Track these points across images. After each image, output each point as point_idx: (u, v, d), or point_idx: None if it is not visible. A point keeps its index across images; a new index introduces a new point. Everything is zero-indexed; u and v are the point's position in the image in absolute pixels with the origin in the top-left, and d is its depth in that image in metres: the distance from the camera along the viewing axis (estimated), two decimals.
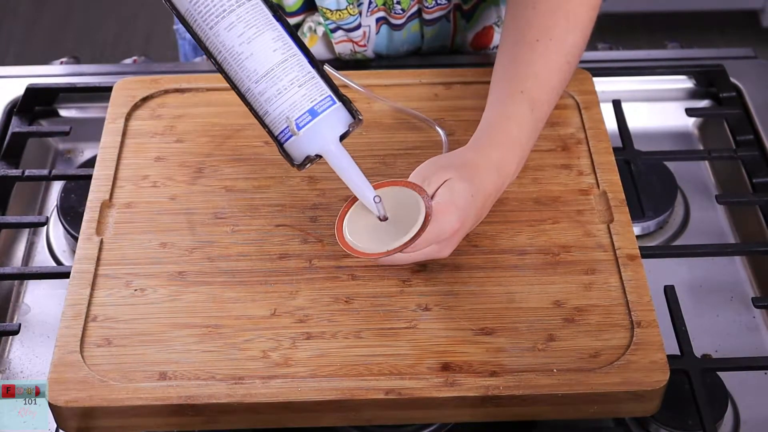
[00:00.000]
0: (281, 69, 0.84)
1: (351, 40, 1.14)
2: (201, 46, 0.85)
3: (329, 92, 0.86)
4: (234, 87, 0.86)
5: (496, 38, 1.21)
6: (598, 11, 1.01)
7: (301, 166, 0.86)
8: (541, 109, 0.96)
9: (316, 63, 0.86)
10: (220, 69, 0.85)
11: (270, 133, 0.86)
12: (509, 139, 0.93)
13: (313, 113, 0.84)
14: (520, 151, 0.94)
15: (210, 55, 0.85)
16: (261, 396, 0.83)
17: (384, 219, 0.87)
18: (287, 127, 0.84)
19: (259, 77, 0.84)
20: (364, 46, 1.16)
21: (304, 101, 0.84)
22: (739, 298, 1.01)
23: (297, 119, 0.84)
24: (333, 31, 1.13)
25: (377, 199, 0.86)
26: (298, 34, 1.14)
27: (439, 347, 0.86)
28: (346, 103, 0.86)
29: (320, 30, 1.13)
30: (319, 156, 0.86)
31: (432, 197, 0.87)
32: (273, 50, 0.84)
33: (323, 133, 0.85)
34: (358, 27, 1.12)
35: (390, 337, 0.87)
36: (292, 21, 1.14)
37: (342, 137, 0.86)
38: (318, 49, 1.16)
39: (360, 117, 0.86)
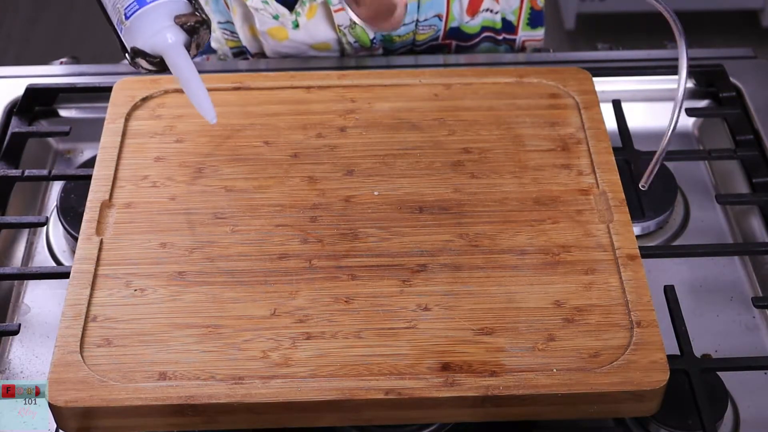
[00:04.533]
0: None
1: None
2: None
3: None
4: None
5: (486, 2, 1.20)
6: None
7: (133, 62, 0.82)
8: None
9: None
10: None
11: (114, 29, 0.82)
12: None
13: (141, 2, 0.81)
14: None
15: None
16: (261, 396, 0.83)
17: None
18: (119, 18, 0.82)
19: None
20: None
21: None
22: (739, 298, 1.01)
23: (126, 8, 0.81)
24: None
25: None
26: (297, 4, 1.14)
27: (439, 347, 0.86)
28: (195, 1, 0.83)
29: None
30: (154, 56, 0.81)
31: None
32: None
33: (152, 23, 0.81)
34: None
35: (390, 337, 0.87)
36: None
37: (189, 49, 0.82)
38: (317, 22, 1.16)
39: (204, 16, 0.82)
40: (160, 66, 0.83)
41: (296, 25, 1.16)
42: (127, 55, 0.82)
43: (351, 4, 0.93)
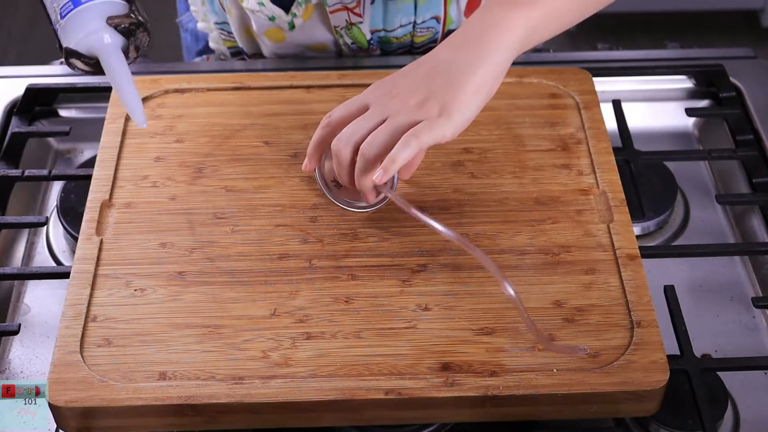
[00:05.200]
0: None
1: (346, 8, 1.14)
2: None
3: None
4: None
5: (484, 4, 1.20)
6: None
7: (68, 62, 0.82)
8: None
9: None
10: None
11: (53, 29, 0.83)
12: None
13: (75, 2, 0.81)
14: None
15: None
16: (261, 396, 0.83)
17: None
18: (56, 17, 0.82)
19: None
20: (360, 15, 1.15)
21: None
22: (739, 298, 1.01)
23: (61, 7, 0.81)
24: None
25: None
26: (293, 5, 1.14)
27: (439, 347, 0.86)
28: (132, 3, 0.83)
29: None
30: (90, 57, 0.81)
31: None
32: None
33: (85, 24, 0.81)
34: None
35: (390, 337, 0.87)
36: None
37: (127, 52, 0.82)
38: (314, 23, 1.16)
39: (140, 19, 0.82)
40: (95, 67, 0.83)
41: (292, 27, 1.16)
42: (62, 53, 0.82)
43: (332, 189, 0.96)
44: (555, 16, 0.92)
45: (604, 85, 1.14)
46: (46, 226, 1.06)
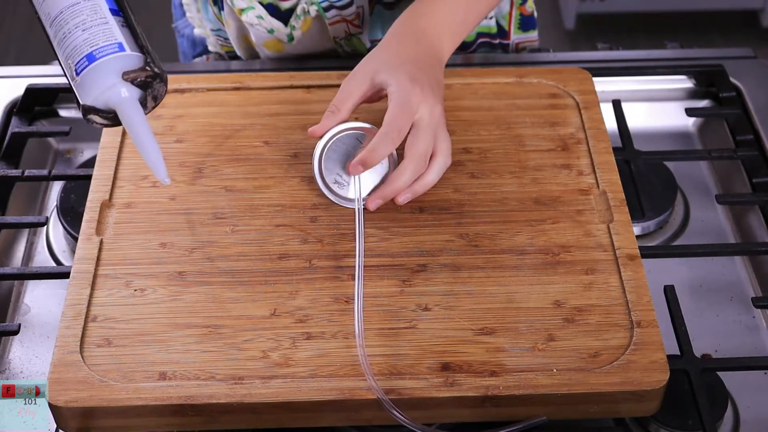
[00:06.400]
0: (70, 12, 0.81)
1: (345, 20, 1.14)
2: None
3: (120, 40, 0.81)
4: (46, 36, 0.83)
5: None
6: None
7: (86, 118, 0.81)
8: None
9: (124, 12, 0.83)
10: (37, 18, 0.84)
11: (69, 84, 0.82)
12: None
13: (90, 58, 0.80)
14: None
15: (32, 5, 0.83)
16: (261, 396, 0.83)
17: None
18: (71, 74, 0.81)
19: (52, 20, 0.81)
20: (359, 27, 1.15)
21: (84, 46, 0.80)
22: (739, 298, 1.01)
23: (76, 64, 0.80)
24: (326, 10, 1.12)
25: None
26: (292, 18, 1.14)
27: (439, 347, 0.86)
28: (147, 55, 0.81)
29: (313, 10, 1.13)
30: (108, 111, 0.81)
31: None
32: None
33: (101, 80, 0.80)
34: (351, 4, 1.12)
35: (390, 337, 0.87)
36: (287, 5, 1.14)
37: (145, 103, 0.82)
38: (312, 35, 1.16)
39: (156, 70, 0.81)
40: (114, 121, 0.82)
41: (291, 39, 1.16)
42: (80, 110, 0.81)
43: (333, 189, 0.98)
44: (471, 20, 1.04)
45: (604, 85, 1.14)
46: (46, 226, 1.06)
